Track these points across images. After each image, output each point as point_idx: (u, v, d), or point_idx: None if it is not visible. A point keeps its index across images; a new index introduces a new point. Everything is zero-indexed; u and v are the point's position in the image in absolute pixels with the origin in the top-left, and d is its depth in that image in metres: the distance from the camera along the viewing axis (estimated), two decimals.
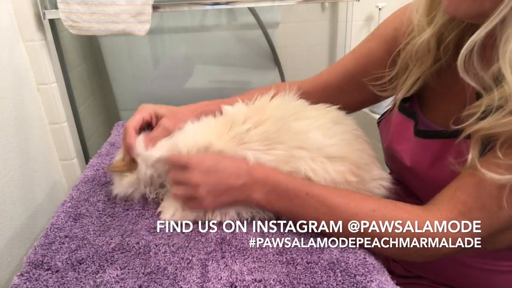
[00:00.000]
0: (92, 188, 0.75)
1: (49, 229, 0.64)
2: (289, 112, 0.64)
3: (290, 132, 0.61)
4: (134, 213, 0.67)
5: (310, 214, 0.56)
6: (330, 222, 0.55)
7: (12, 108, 0.81)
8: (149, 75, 1.29)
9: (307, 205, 0.56)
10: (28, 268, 0.56)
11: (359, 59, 0.70)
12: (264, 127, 0.62)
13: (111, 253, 0.58)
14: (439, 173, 0.57)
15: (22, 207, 0.81)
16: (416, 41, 0.58)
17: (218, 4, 0.99)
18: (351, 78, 0.71)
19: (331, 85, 0.73)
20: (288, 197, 0.57)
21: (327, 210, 0.55)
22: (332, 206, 0.55)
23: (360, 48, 0.71)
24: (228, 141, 0.62)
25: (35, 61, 0.90)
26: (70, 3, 0.88)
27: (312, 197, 0.55)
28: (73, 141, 1.02)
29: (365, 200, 0.56)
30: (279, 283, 0.51)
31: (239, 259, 0.56)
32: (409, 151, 0.62)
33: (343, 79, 0.72)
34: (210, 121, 0.67)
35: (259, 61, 1.30)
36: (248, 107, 0.67)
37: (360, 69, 0.70)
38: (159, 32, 1.22)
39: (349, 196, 0.56)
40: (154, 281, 0.52)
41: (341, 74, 0.73)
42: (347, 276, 0.52)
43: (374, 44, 0.68)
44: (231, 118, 0.65)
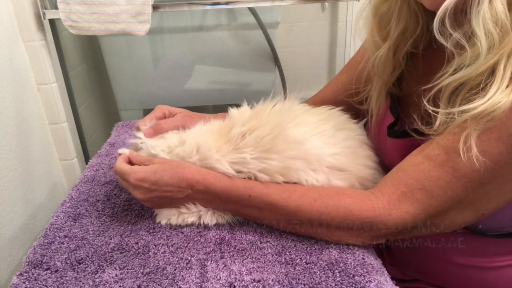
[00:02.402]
0: (92, 188, 0.75)
1: (49, 229, 0.64)
2: (288, 117, 0.62)
3: (287, 141, 0.59)
4: (133, 213, 0.67)
5: (256, 214, 0.59)
6: (277, 219, 0.58)
7: (12, 108, 0.81)
8: (149, 75, 1.29)
9: (251, 206, 0.58)
10: (27, 268, 0.56)
11: (349, 72, 0.76)
12: (260, 133, 0.59)
13: (110, 253, 0.58)
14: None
15: (22, 207, 0.81)
16: (375, 56, 0.62)
17: (218, 4, 0.99)
18: (344, 91, 0.76)
19: (328, 100, 0.77)
20: (232, 201, 0.59)
21: (271, 208, 0.57)
22: (274, 203, 0.56)
23: (350, 61, 0.77)
24: (223, 145, 0.61)
25: (35, 61, 0.90)
26: (70, 3, 0.88)
27: (254, 198, 0.57)
28: (73, 141, 1.02)
29: (307, 190, 0.57)
30: (278, 283, 0.51)
31: (238, 259, 0.56)
32: (388, 149, 0.64)
33: (336, 92, 0.77)
34: (216, 123, 0.66)
35: (259, 61, 1.30)
36: (252, 110, 0.65)
37: (348, 83, 0.74)
38: (159, 32, 1.22)
39: (290, 190, 0.57)
40: (153, 281, 0.53)
41: (335, 87, 0.78)
42: (346, 276, 0.52)
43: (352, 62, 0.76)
44: (232, 121, 0.64)
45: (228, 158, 0.60)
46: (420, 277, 0.69)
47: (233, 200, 0.59)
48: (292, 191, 0.57)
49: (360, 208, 0.53)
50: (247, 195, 0.58)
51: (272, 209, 0.57)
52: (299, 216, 0.56)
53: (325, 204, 0.54)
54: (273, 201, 0.56)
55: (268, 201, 0.57)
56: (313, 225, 0.56)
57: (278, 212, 0.57)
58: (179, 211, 0.63)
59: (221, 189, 0.59)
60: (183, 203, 0.62)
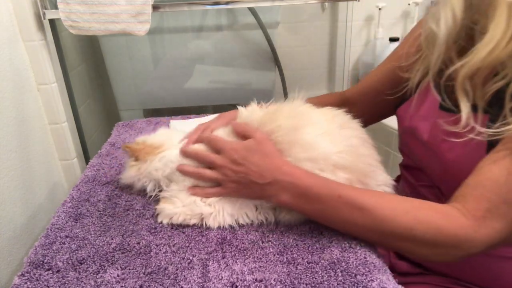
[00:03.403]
0: (93, 188, 0.75)
1: (50, 229, 0.64)
2: (299, 120, 0.64)
3: (301, 144, 0.61)
4: (134, 213, 0.67)
5: (343, 216, 0.55)
6: (364, 225, 0.54)
7: (12, 108, 0.80)
8: (149, 75, 1.29)
9: (339, 208, 0.55)
10: (28, 268, 0.56)
11: (392, 57, 0.75)
12: (277, 137, 0.62)
13: (112, 253, 0.58)
14: (451, 147, 0.58)
15: (22, 207, 0.81)
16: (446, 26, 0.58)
17: (218, 4, 0.99)
18: (385, 77, 0.75)
19: (370, 88, 0.78)
20: (319, 200, 0.56)
21: (361, 212, 0.54)
22: (366, 208, 0.53)
23: (395, 51, 0.77)
24: None
25: (35, 61, 0.90)
26: (70, 3, 0.88)
27: (345, 199, 0.55)
28: (73, 141, 1.02)
29: (399, 201, 0.55)
30: (279, 283, 0.51)
31: (240, 259, 0.56)
32: (430, 125, 0.63)
33: (378, 80, 0.77)
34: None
35: (259, 61, 1.30)
36: (262, 111, 0.67)
37: (393, 66, 0.72)
38: (159, 32, 1.22)
39: (383, 198, 0.55)
40: (155, 281, 0.52)
41: (378, 74, 0.77)
42: (348, 275, 0.52)
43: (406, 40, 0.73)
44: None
45: None
46: (430, 266, 0.68)
47: (322, 198, 0.56)
48: (385, 198, 0.55)
49: (450, 225, 0.51)
50: (336, 195, 0.55)
51: (362, 214, 0.54)
52: (387, 226, 0.53)
53: (417, 218, 0.52)
54: (365, 205, 0.53)
55: (360, 204, 0.54)
56: (400, 239, 0.53)
57: (368, 217, 0.53)
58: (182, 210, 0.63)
59: (310, 184, 0.56)
60: (261, 196, 0.61)
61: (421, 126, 0.65)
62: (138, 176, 0.68)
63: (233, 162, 0.60)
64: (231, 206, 0.62)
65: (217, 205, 0.62)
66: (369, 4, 1.51)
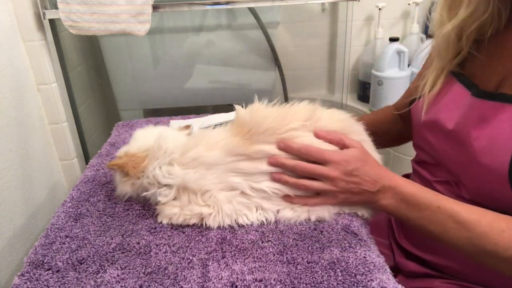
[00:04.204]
0: (93, 188, 0.75)
1: (50, 229, 0.64)
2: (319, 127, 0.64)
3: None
4: (134, 213, 0.67)
5: (439, 227, 0.56)
6: (459, 238, 0.55)
7: (12, 108, 0.81)
8: (149, 75, 1.29)
9: (436, 218, 0.56)
10: (28, 268, 0.56)
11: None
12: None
13: (112, 253, 0.58)
14: (480, 135, 0.57)
15: (22, 207, 0.81)
16: (438, 34, 0.62)
17: (218, 4, 0.99)
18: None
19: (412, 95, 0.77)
20: (419, 208, 0.58)
21: (457, 225, 0.54)
22: (462, 222, 0.54)
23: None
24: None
25: (35, 61, 0.90)
26: (70, 3, 0.88)
27: (443, 211, 0.56)
28: (73, 141, 1.02)
29: (496, 219, 0.54)
30: (279, 283, 0.51)
31: (240, 258, 0.56)
32: (458, 114, 0.62)
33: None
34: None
35: (259, 61, 1.30)
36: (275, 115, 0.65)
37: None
38: (159, 32, 1.22)
39: (480, 213, 0.55)
40: (155, 281, 0.52)
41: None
42: (348, 275, 0.52)
43: None
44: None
45: None
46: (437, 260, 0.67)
47: (422, 206, 0.57)
48: (482, 214, 0.55)
49: None
50: (435, 206, 0.56)
51: (458, 227, 0.54)
52: (482, 244, 0.53)
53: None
54: (462, 219, 0.54)
55: (456, 217, 0.55)
56: (491, 256, 0.53)
57: (464, 232, 0.54)
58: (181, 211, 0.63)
59: (411, 192, 0.58)
60: (368, 201, 0.62)
61: (444, 117, 0.65)
62: (136, 192, 0.67)
63: (347, 174, 0.60)
64: (230, 207, 0.62)
65: (216, 206, 0.62)
66: (369, 4, 1.51)
